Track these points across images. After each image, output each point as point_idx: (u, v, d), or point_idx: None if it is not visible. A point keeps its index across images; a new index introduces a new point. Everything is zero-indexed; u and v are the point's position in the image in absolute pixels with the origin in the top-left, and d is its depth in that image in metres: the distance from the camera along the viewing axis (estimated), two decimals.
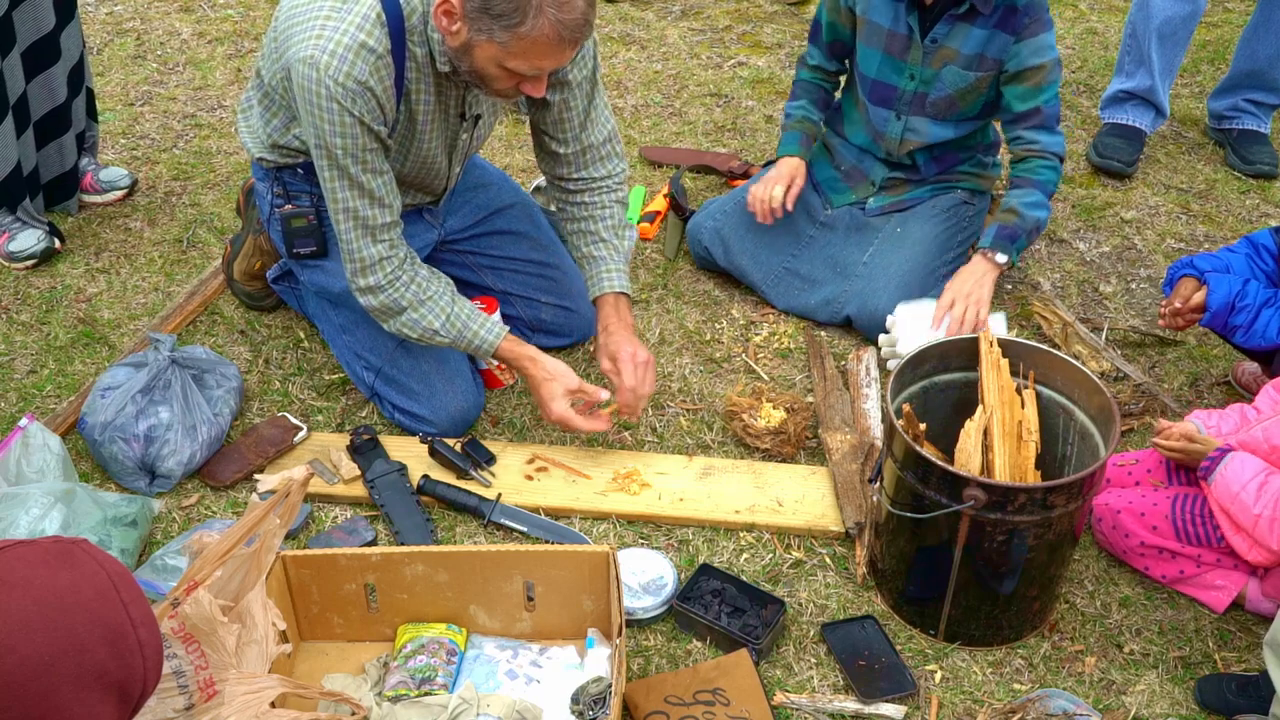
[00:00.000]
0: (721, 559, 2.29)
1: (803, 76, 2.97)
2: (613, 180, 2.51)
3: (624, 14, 4.35)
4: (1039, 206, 2.72)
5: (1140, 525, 2.20)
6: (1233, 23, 4.30)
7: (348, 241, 2.26)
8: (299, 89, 2.10)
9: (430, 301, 2.33)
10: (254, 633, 1.83)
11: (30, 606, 1.17)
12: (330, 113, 2.09)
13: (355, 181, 2.18)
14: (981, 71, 2.68)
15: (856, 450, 2.45)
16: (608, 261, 2.49)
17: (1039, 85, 2.67)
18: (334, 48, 2.05)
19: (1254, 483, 2.03)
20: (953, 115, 2.78)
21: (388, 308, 2.33)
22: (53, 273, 3.03)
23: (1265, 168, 3.45)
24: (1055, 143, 2.74)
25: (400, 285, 2.30)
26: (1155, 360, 2.81)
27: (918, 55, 2.71)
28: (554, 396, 2.39)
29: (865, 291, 2.79)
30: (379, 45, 2.08)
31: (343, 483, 2.42)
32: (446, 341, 2.38)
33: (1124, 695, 2.06)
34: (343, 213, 2.23)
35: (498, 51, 2.02)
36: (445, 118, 2.31)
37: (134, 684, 1.24)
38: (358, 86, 2.07)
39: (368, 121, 2.12)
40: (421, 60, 2.16)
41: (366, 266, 2.28)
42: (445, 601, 2.08)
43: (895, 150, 2.86)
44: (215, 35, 4.16)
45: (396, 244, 2.30)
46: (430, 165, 2.39)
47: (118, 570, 1.26)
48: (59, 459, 2.32)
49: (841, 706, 2.01)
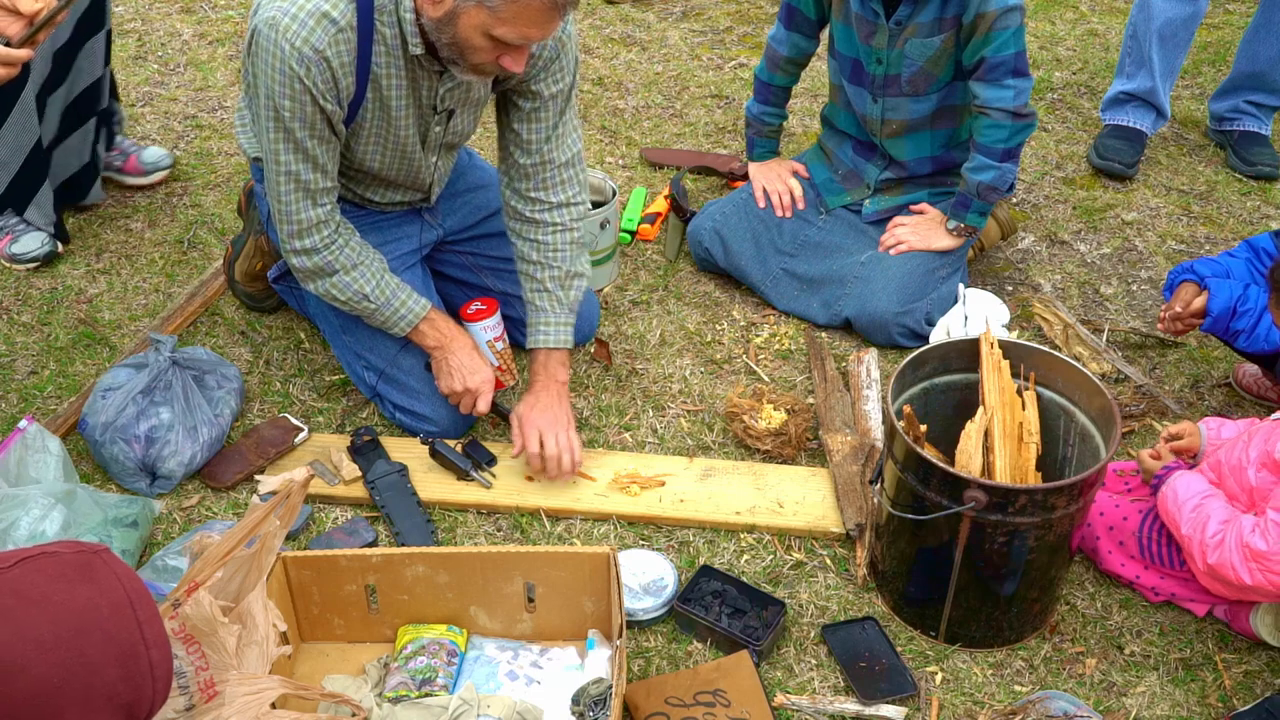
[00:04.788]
0: (722, 560, 2.29)
1: (769, 79, 2.96)
2: (570, 213, 2.47)
3: (625, 15, 4.35)
4: (981, 169, 2.71)
5: (1108, 539, 2.21)
6: (1234, 24, 4.30)
7: (287, 204, 2.26)
8: (259, 48, 2.10)
9: (363, 266, 2.35)
10: (254, 634, 1.83)
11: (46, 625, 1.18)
12: (283, 74, 2.09)
13: (300, 146, 2.18)
14: (944, 33, 2.64)
15: (857, 452, 2.45)
16: (548, 314, 2.46)
17: (985, 34, 2.58)
18: (296, 11, 2.05)
19: (1190, 503, 2.02)
20: (929, 87, 2.75)
21: (320, 269, 2.34)
22: (54, 274, 3.04)
23: (1266, 169, 3.45)
24: (999, 97, 2.63)
25: (335, 249, 2.32)
26: (1156, 362, 2.81)
27: (883, 39, 2.69)
28: (439, 375, 2.45)
29: (864, 293, 2.79)
30: (342, 18, 2.07)
31: (343, 484, 2.42)
32: (373, 307, 2.38)
33: (1125, 697, 2.06)
34: (284, 175, 2.23)
35: (486, 18, 2.01)
36: (417, 105, 2.29)
37: (142, 705, 1.24)
38: (314, 54, 2.07)
39: (318, 94, 2.11)
40: (390, 41, 2.14)
41: (305, 229, 2.29)
42: (446, 602, 2.08)
43: (879, 131, 2.86)
44: (216, 36, 4.16)
45: (334, 208, 2.31)
46: (409, 155, 2.38)
47: (136, 588, 1.26)
48: (59, 460, 2.32)
49: (842, 708, 2.01)
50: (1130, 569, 2.19)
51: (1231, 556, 1.92)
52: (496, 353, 2.63)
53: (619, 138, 3.64)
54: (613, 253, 3.01)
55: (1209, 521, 1.97)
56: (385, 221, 2.55)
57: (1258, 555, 1.89)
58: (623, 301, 2.98)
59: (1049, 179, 3.47)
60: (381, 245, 2.52)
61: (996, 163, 2.70)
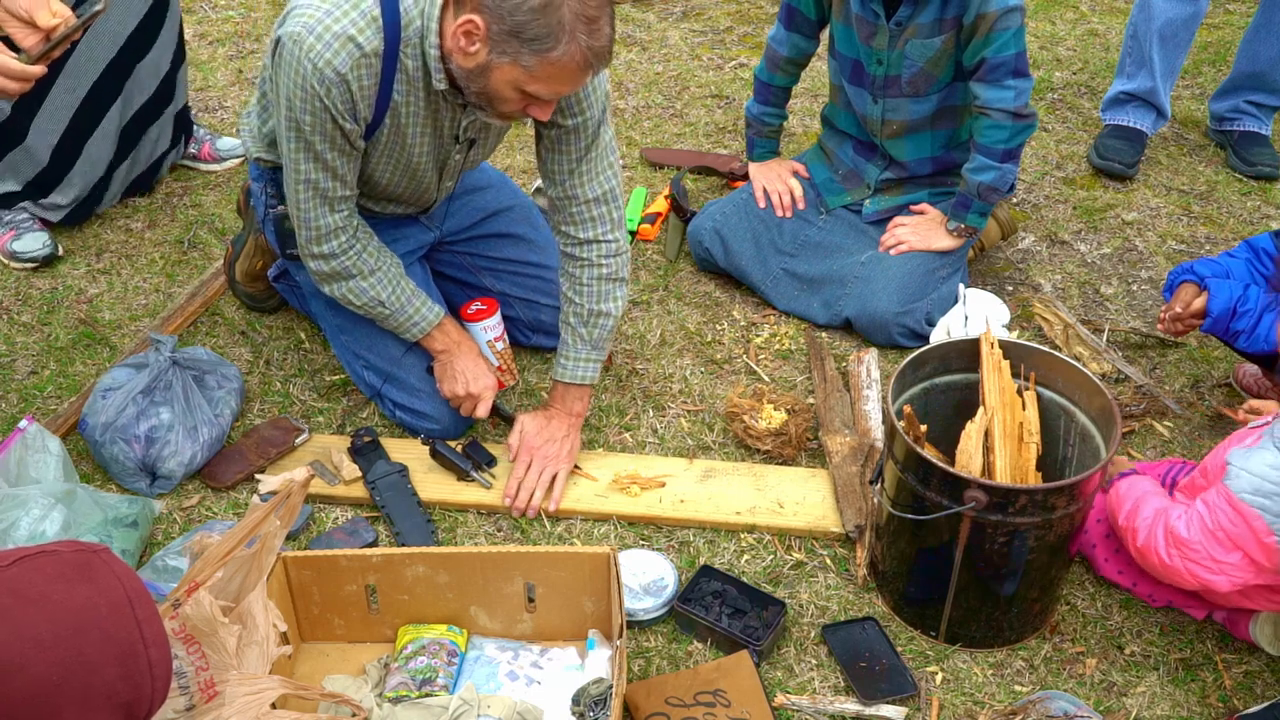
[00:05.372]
0: (722, 560, 2.29)
1: (769, 79, 2.96)
2: (598, 249, 2.40)
3: (625, 15, 4.35)
4: (982, 170, 2.72)
5: (1104, 546, 2.21)
6: (1234, 24, 4.30)
7: (305, 210, 2.27)
8: (282, 60, 2.11)
9: (380, 272, 2.36)
10: (255, 634, 1.83)
11: (44, 624, 1.18)
12: (304, 91, 2.09)
13: (320, 157, 2.19)
14: (944, 34, 2.65)
15: (857, 452, 2.44)
16: (569, 348, 2.45)
17: (986, 35, 2.59)
18: (322, 31, 2.06)
19: (1131, 497, 2.06)
20: (930, 88, 2.75)
21: (337, 273, 2.34)
22: (54, 274, 3.04)
23: (1266, 169, 3.45)
24: (999, 98, 2.64)
25: (354, 254, 2.33)
26: (1156, 362, 2.81)
27: (883, 40, 2.69)
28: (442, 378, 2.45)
29: (864, 293, 2.79)
30: (368, 44, 2.07)
31: (344, 484, 2.42)
32: (387, 313, 2.40)
33: (1125, 697, 2.06)
34: (303, 184, 2.24)
35: (520, 75, 2.01)
36: (437, 135, 2.30)
37: (141, 704, 1.24)
38: (335, 76, 2.07)
39: (336, 114, 2.11)
40: (412, 73, 2.15)
41: (323, 235, 2.29)
42: (446, 603, 2.08)
43: (879, 132, 2.86)
44: (216, 36, 4.16)
45: (351, 214, 2.32)
46: (419, 179, 2.39)
47: (135, 587, 1.27)
48: (59, 460, 2.32)
49: (842, 708, 2.01)
50: (1127, 576, 2.20)
51: (1157, 540, 1.96)
52: (496, 353, 2.63)
53: (619, 138, 3.64)
54: None
55: (1143, 508, 2.02)
56: (384, 222, 2.55)
57: (1179, 541, 1.93)
58: None
59: (1049, 179, 3.47)
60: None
61: (997, 163, 2.70)
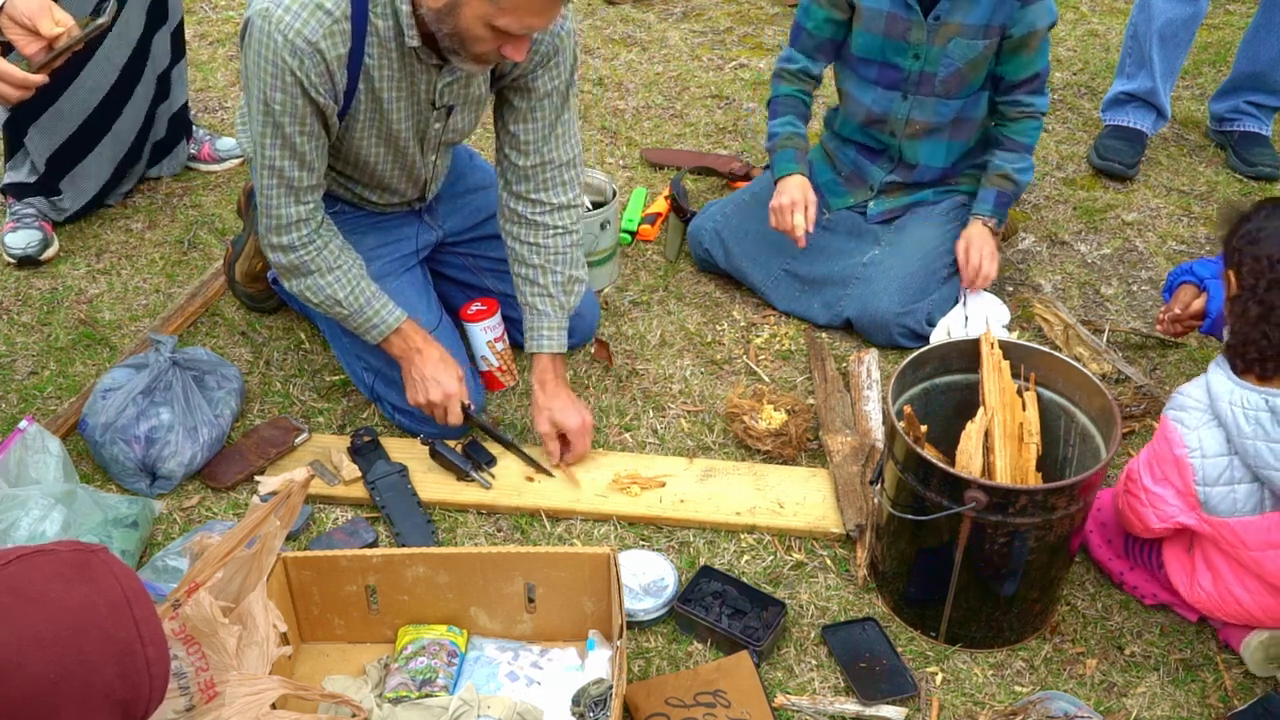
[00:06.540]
0: (722, 561, 2.29)
1: (784, 92, 2.91)
2: (571, 215, 2.46)
3: (625, 16, 4.35)
4: (1030, 170, 2.86)
5: (1099, 534, 2.22)
6: (1234, 25, 4.30)
7: (269, 198, 2.25)
8: (250, 40, 2.09)
9: (339, 270, 2.33)
10: (255, 634, 1.83)
11: (43, 623, 1.18)
12: (275, 66, 2.07)
13: (289, 142, 2.17)
14: (988, 39, 2.68)
15: (857, 452, 2.44)
16: (550, 319, 2.46)
17: (1039, 49, 2.73)
18: (289, 2, 2.04)
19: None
20: (960, 91, 2.77)
21: (296, 267, 2.32)
22: (54, 274, 3.04)
23: (1266, 170, 3.45)
24: (1045, 102, 2.84)
25: (314, 249, 2.30)
26: (1156, 362, 2.81)
27: (921, 34, 2.70)
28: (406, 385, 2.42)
29: (865, 294, 2.79)
30: (336, 9, 2.06)
31: (343, 484, 2.42)
32: (345, 313, 2.36)
33: (1125, 697, 2.06)
34: (268, 169, 2.21)
35: (488, 9, 2.00)
36: (414, 100, 2.28)
37: (139, 703, 1.24)
38: (307, 45, 2.05)
39: (309, 86, 2.09)
40: (384, 33, 2.13)
41: (284, 225, 2.27)
42: (446, 603, 2.08)
43: (900, 131, 2.86)
44: (216, 37, 4.16)
45: (317, 207, 2.30)
46: (404, 152, 2.37)
47: (133, 587, 1.27)
48: (59, 460, 2.32)
49: (842, 708, 2.01)
50: (1117, 565, 2.21)
51: (1120, 485, 2.10)
52: (496, 353, 2.63)
53: (619, 138, 3.65)
54: (613, 253, 3.01)
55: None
56: (384, 223, 2.55)
57: (1129, 475, 2.06)
58: (623, 302, 2.98)
59: (1049, 179, 3.47)
60: (380, 247, 2.52)
61: (1031, 160, 2.87)
